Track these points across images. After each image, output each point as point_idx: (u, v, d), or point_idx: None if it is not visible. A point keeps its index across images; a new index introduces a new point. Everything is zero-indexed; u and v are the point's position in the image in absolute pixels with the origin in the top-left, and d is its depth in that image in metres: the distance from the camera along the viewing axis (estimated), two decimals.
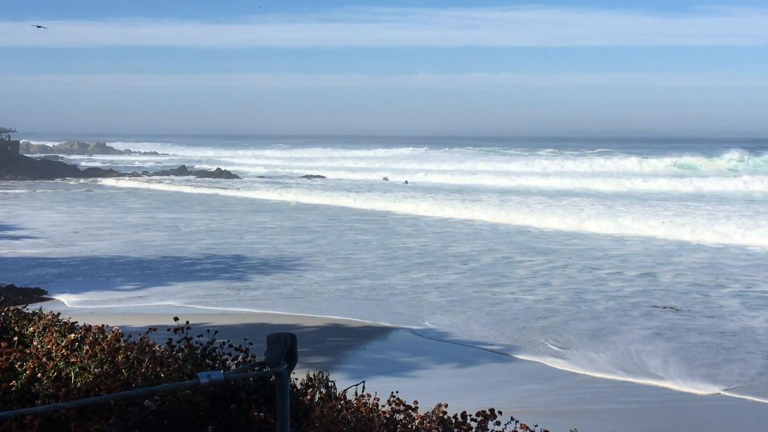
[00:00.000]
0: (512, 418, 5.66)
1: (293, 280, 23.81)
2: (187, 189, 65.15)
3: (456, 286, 23.08)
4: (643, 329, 18.17)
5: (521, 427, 5.58)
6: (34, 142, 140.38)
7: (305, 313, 19.39)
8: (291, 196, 56.50)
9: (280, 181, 75.14)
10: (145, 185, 69.77)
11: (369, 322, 18.71)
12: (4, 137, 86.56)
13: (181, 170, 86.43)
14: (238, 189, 63.86)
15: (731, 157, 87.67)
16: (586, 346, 16.76)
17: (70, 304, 19.97)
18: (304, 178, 78.51)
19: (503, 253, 29.62)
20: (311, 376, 6.67)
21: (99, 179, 76.89)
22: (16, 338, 5.79)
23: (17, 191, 62.89)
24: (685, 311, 20.02)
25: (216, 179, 76.26)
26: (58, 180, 75.87)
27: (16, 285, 21.50)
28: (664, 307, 20.27)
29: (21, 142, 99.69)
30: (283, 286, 22.78)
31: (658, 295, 21.88)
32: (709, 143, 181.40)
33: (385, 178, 77.14)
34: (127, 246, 31.01)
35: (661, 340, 17.22)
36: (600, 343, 17.03)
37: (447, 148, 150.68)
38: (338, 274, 24.87)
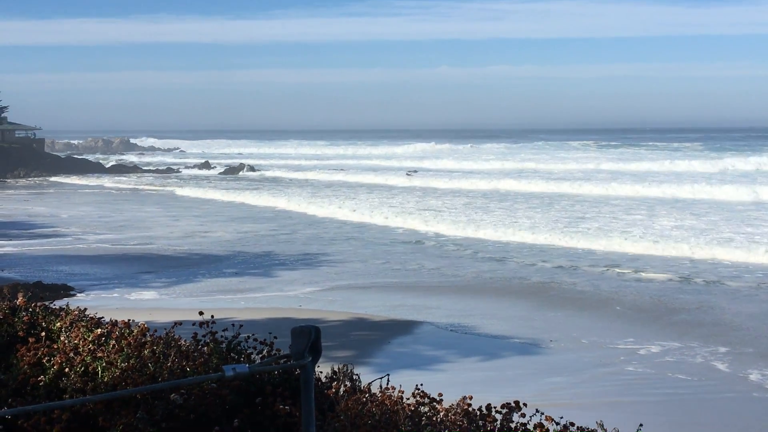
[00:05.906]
0: (537, 410, 5.63)
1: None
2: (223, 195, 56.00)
3: None
4: None
5: (546, 419, 5.55)
6: (59, 140, 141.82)
7: (332, 308, 19.47)
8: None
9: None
10: (152, 187, 70.01)
11: (393, 316, 18.72)
12: (29, 135, 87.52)
13: (205, 165, 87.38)
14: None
15: None
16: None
17: (96, 299, 20.13)
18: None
19: None
20: (336, 369, 6.68)
21: (121, 176, 77.43)
22: (43, 334, 5.84)
23: (40, 191, 63.49)
24: None
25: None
26: (88, 177, 76.39)
27: (42, 281, 21.71)
28: None
29: (46, 139, 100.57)
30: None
31: None
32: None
33: None
34: (151, 243, 31.21)
35: None
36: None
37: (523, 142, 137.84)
38: None
